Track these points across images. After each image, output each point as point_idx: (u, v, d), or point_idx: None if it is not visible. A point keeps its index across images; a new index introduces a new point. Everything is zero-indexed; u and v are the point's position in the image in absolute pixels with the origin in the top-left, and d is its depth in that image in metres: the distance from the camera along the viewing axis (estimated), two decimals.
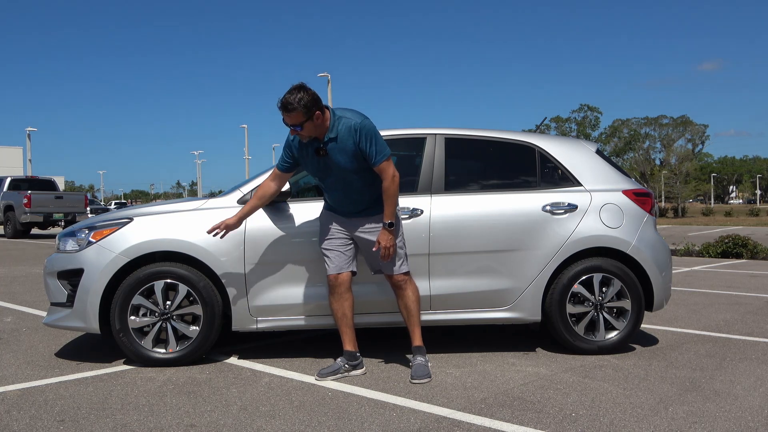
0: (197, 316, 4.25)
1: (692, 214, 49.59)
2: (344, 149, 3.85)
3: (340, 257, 4.05)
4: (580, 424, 3.18)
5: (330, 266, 4.06)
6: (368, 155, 3.83)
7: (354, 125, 3.82)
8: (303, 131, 3.82)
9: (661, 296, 4.64)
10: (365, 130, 3.82)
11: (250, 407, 3.45)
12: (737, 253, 12.69)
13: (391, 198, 3.88)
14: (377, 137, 3.86)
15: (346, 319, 4.06)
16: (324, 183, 4.09)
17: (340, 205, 4.08)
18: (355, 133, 3.82)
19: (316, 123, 3.80)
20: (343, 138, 3.84)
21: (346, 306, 4.05)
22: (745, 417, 3.28)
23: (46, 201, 19.55)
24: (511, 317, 4.51)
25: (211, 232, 4.10)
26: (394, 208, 3.91)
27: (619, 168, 4.96)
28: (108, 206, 48.72)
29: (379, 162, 3.84)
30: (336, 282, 4.03)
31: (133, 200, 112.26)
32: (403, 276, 4.06)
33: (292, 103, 3.72)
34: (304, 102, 3.72)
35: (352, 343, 4.07)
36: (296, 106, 3.71)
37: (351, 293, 4.06)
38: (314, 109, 3.76)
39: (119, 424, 3.20)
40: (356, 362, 4.06)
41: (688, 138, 60.86)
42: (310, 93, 3.77)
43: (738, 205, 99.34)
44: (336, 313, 4.07)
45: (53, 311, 4.37)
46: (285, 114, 3.78)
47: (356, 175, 3.92)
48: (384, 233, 3.91)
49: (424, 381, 3.89)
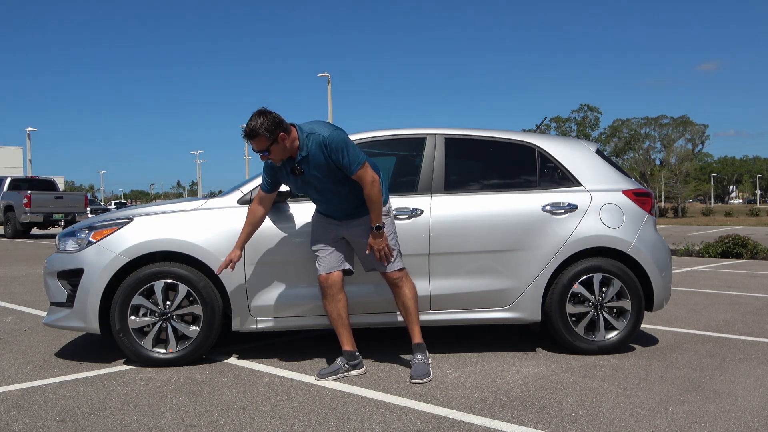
0: (197, 316, 4.25)
1: (692, 214, 49.59)
2: (318, 165, 3.84)
3: (330, 257, 4.05)
4: (580, 424, 3.18)
5: (320, 267, 4.05)
6: (343, 167, 3.81)
7: (322, 140, 3.78)
8: (272, 155, 3.80)
9: (661, 296, 4.64)
10: (335, 143, 3.77)
11: (250, 407, 3.45)
12: (737, 253, 12.69)
13: (375, 203, 3.86)
14: (348, 147, 3.80)
15: (341, 319, 4.06)
16: (309, 196, 4.12)
17: (329, 212, 4.09)
18: (324, 148, 3.79)
19: (283, 145, 3.78)
20: (315, 154, 3.82)
21: (340, 307, 4.04)
22: (745, 417, 3.28)
23: (46, 201, 19.56)
24: (511, 317, 4.51)
25: (220, 272, 4.09)
26: (379, 211, 3.89)
27: (619, 168, 4.96)
28: (108, 206, 48.71)
29: (355, 171, 3.81)
30: (327, 283, 4.02)
31: (133, 200, 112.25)
32: (398, 273, 4.04)
33: (254, 129, 3.70)
34: (266, 126, 3.70)
35: (350, 343, 4.07)
36: (259, 131, 3.70)
37: (344, 293, 4.05)
38: (277, 131, 3.73)
39: (119, 424, 3.20)
40: (356, 362, 4.06)
41: (688, 138, 60.85)
42: (271, 117, 3.74)
43: (738, 205, 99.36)
44: (331, 315, 4.07)
45: (53, 311, 4.37)
46: (250, 141, 3.76)
47: (337, 185, 3.92)
48: (375, 237, 3.91)
49: (424, 380, 3.89)
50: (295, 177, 3.93)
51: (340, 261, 4.06)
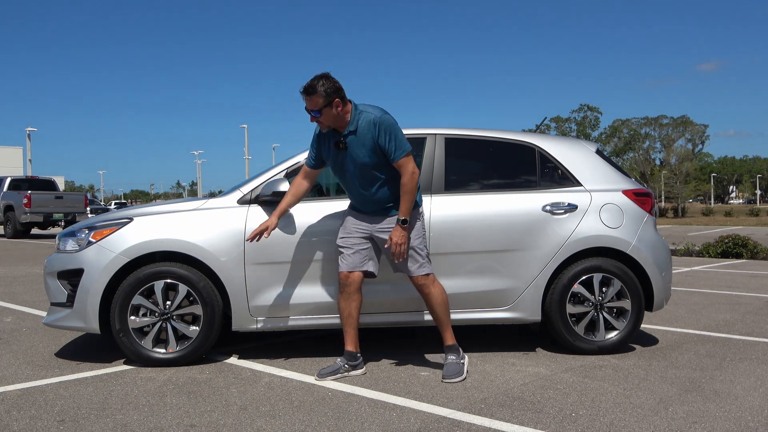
0: (197, 316, 4.25)
1: (692, 214, 49.59)
2: (363, 143, 3.86)
3: (354, 255, 4.02)
4: (580, 424, 3.18)
5: (342, 263, 4.04)
6: (387, 150, 3.83)
7: (374, 119, 3.83)
8: (321, 117, 3.84)
9: (661, 296, 4.64)
10: (386, 124, 3.83)
11: (250, 407, 3.45)
12: (737, 253, 12.69)
13: (409, 194, 3.86)
14: (397, 133, 3.86)
15: (351, 319, 4.05)
16: (343, 179, 4.07)
17: (360, 204, 4.07)
18: (374, 127, 3.83)
19: (335, 112, 3.83)
20: (363, 132, 3.85)
21: (353, 306, 4.03)
22: (745, 417, 3.28)
23: (46, 201, 19.56)
24: (511, 317, 4.51)
25: (253, 239, 4.08)
26: (410, 204, 3.88)
27: (619, 168, 4.96)
28: (108, 206, 48.70)
29: (399, 157, 3.84)
30: (347, 281, 4.01)
31: (133, 200, 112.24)
32: (424, 278, 3.99)
33: (313, 86, 3.80)
34: (325, 87, 3.79)
35: (353, 343, 4.06)
36: (317, 89, 3.79)
37: (360, 294, 4.04)
38: (334, 96, 3.80)
39: (119, 424, 3.20)
40: (356, 362, 4.06)
41: (688, 138, 60.85)
42: (332, 80, 3.84)
43: (738, 205, 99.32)
44: (342, 312, 4.06)
45: (53, 311, 4.37)
46: (305, 98, 3.84)
47: (374, 171, 3.91)
48: (397, 230, 3.88)
49: (455, 380, 3.87)
50: (336, 152, 3.94)
51: (363, 262, 4.03)
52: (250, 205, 4.37)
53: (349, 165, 3.94)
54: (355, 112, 3.89)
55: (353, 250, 4.02)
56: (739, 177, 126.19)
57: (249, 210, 4.35)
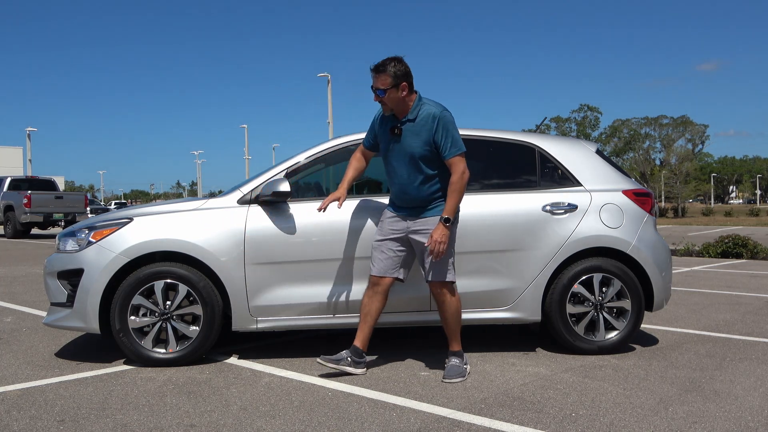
0: (197, 316, 4.25)
1: (692, 214, 49.59)
2: (418, 133, 3.89)
3: (385, 261, 4.02)
4: (580, 424, 3.18)
5: (374, 266, 4.04)
6: (442, 146, 3.86)
7: (435, 113, 3.88)
8: (386, 98, 3.88)
9: (661, 296, 4.64)
10: (444, 120, 3.88)
11: (250, 407, 3.45)
12: (737, 253, 12.69)
13: (456, 193, 3.87)
14: (454, 131, 3.91)
15: (369, 317, 4.05)
16: (389, 167, 4.07)
17: (399, 197, 4.06)
18: (433, 121, 3.87)
19: (400, 96, 3.88)
20: (421, 123, 3.89)
21: (375, 307, 4.04)
22: (745, 417, 3.28)
23: (46, 201, 19.56)
24: (511, 317, 4.51)
25: (322, 209, 4.11)
26: (456, 204, 3.89)
27: (619, 168, 4.97)
28: (108, 206, 48.70)
29: (452, 155, 3.87)
30: (377, 282, 4.02)
31: (133, 200, 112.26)
32: (444, 285, 3.98)
33: (385, 65, 3.86)
34: (396, 69, 3.85)
35: (362, 342, 4.06)
36: (388, 69, 3.84)
37: (386, 298, 4.05)
38: (403, 80, 3.86)
39: (119, 424, 3.20)
40: (360, 360, 4.05)
41: (688, 138, 60.86)
42: (404, 65, 3.88)
43: (738, 205, 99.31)
44: (363, 307, 4.07)
45: (53, 311, 4.37)
46: (374, 75, 3.88)
47: (422, 164, 3.91)
48: (440, 228, 3.86)
49: (455, 380, 3.88)
50: (390, 138, 3.98)
51: (394, 268, 4.03)
52: (250, 205, 4.37)
53: (399, 153, 3.95)
54: (418, 102, 3.94)
55: (387, 255, 4.02)
56: (739, 177, 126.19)
57: (249, 210, 4.35)
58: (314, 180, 4.89)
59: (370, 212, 4.37)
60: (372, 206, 4.39)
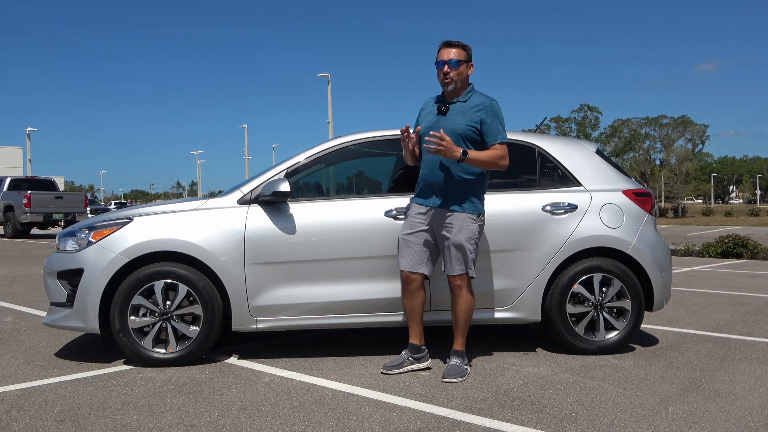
0: (197, 316, 4.25)
1: (692, 214, 49.59)
2: (465, 114, 4.01)
3: (412, 256, 4.04)
4: (580, 424, 3.18)
5: (402, 261, 4.07)
6: (488, 132, 3.98)
7: (486, 101, 4.03)
8: (457, 69, 4.01)
9: (661, 296, 4.64)
10: (494, 109, 4.02)
11: (250, 407, 3.45)
12: (737, 253, 12.69)
13: (488, 156, 3.95)
14: (502, 121, 4.04)
15: (414, 314, 4.09)
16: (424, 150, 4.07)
17: (429, 184, 4.05)
18: (484, 107, 4.00)
19: (466, 73, 4.08)
20: (470, 105, 4.03)
21: (416, 303, 4.07)
22: (745, 417, 3.28)
23: (46, 201, 19.55)
24: (511, 317, 4.51)
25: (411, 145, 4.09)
26: (481, 158, 3.92)
27: (619, 168, 4.96)
28: (108, 206, 48.70)
29: (496, 142, 3.98)
30: (408, 279, 4.05)
31: (133, 200, 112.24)
32: (463, 279, 4.00)
33: (461, 43, 4.08)
34: (469, 50, 4.10)
35: (417, 337, 4.10)
36: (462, 45, 4.07)
37: (423, 291, 4.09)
38: (470, 61, 4.11)
39: (119, 424, 3.20)
40: (420, 355, 4.09)
41: (688, 138, 60.83)
42: (470, 49, 4.13)
43: (738, 205, 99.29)
44: (406, 308, 4.12)
45: (53, 311, 4.37)
46: (447, 49, 4.04)
47: (463, 141, 3.95)
48: (455, 148, 3.84)
49: (455, 380, 3.88)
50: (435, 117, 4.08)
51: (422, 262, 4.05)
52: (250, 205, 4.37)
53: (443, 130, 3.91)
54: (471, 89, 4.11)
55: (414, 250, 4.04)
56: (739, 177, 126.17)
57: (249, 210, 4.35)
58: (314, 180, 4.89)
59: (370, 212, 4.37)
60: (372, 206, 4.39)
